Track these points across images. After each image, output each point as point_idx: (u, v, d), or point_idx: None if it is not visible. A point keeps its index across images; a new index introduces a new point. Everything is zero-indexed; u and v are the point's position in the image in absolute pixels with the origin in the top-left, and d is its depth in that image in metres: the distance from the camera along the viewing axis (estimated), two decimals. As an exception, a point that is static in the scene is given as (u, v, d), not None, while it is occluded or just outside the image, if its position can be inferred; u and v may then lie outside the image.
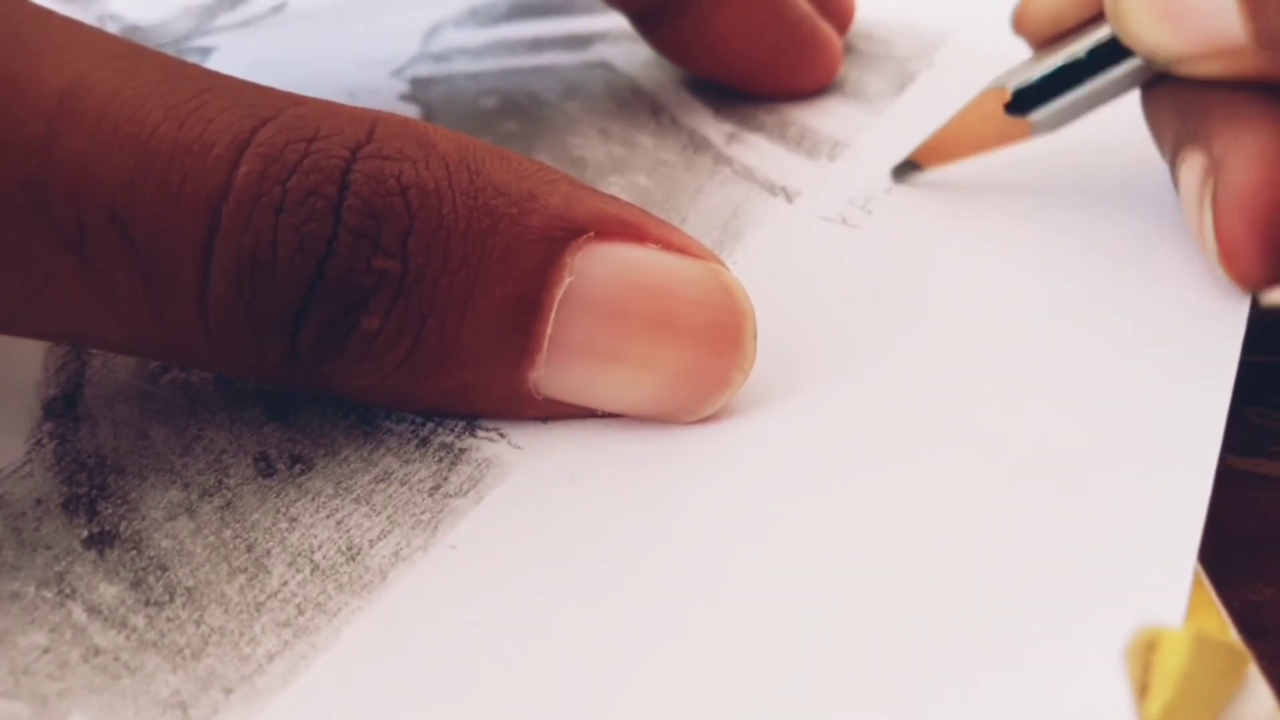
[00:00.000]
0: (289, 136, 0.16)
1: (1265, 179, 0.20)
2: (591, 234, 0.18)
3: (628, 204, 0.18)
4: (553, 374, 0.18)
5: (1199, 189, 0.21)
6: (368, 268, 0.17)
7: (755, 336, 0.19)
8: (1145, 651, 0.14)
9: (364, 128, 0.17)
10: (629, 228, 0.18)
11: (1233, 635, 0.16)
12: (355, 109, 0.17)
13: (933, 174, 0.26)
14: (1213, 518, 0.18)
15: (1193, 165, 0.21)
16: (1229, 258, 0.21)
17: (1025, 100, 0.24)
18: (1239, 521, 0.19)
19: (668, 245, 0.18)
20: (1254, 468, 0.20)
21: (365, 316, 0.17)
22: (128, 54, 0.16)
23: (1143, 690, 0.14)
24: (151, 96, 0.16)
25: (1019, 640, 0.15)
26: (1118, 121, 0.28)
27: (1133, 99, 0.24)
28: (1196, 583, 0.17)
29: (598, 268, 0.18)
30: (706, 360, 0.18)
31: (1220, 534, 0.18)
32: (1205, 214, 0.21)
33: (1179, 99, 0.22)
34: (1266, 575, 0.18)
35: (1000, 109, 0.24)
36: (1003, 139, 0.24)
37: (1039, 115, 0.24)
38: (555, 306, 0.18)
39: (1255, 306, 0.21)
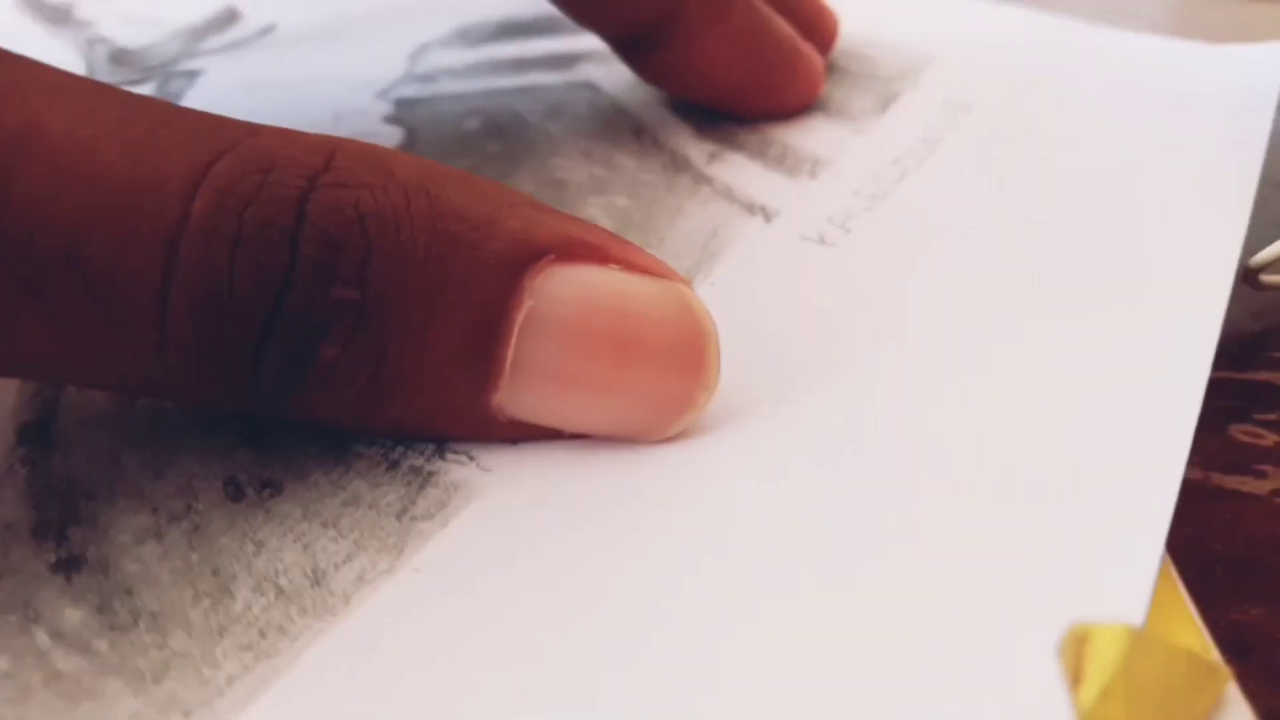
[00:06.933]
0: (245, 168, 0.16)
1: None
2: (552, 256, 0.18)
3: (590, 225, 0.18)
4: (517, 397, 0.18)
5: None
6: (325, 297, 0.17)
7: (719, 355, 0.19)
8: (1077, 644, 0.14)
9: (322, 156, 0.17)
10: (590, 249, 0.18)
11: (1214, 655, 0.16)
12: (315, 136, 0.17)
13: (907, 195, 0.26)
14: (1198, 537, 0.18)
15: None
16: None
17: None
18: (1225, 540, 0.19)
19: (630, 266, 0.18)
20: (1240, 486, 0.20)
21: (325, 346, 0.17)
22: (83, 91, 0.16)
23: (1076, 681, 0.14)
24: (107, 134, 0.16)
25: (978, 646, 0.16)
26: (1096, 149, 0.28)
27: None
28: (1179, 603, 0.17)
29: (559, 290, 0.18)
30: (671, 380, 0.18)
31: (1206, 553, 0.18)
32: None
33: None
34: (1252, 595, 0.18)
35: None
36: None
37: None
38: (516, 331, 0.18)
39: (1250, 309, 0.22)
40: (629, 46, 0.29)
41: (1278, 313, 0.24)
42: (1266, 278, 0.24)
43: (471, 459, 0.19)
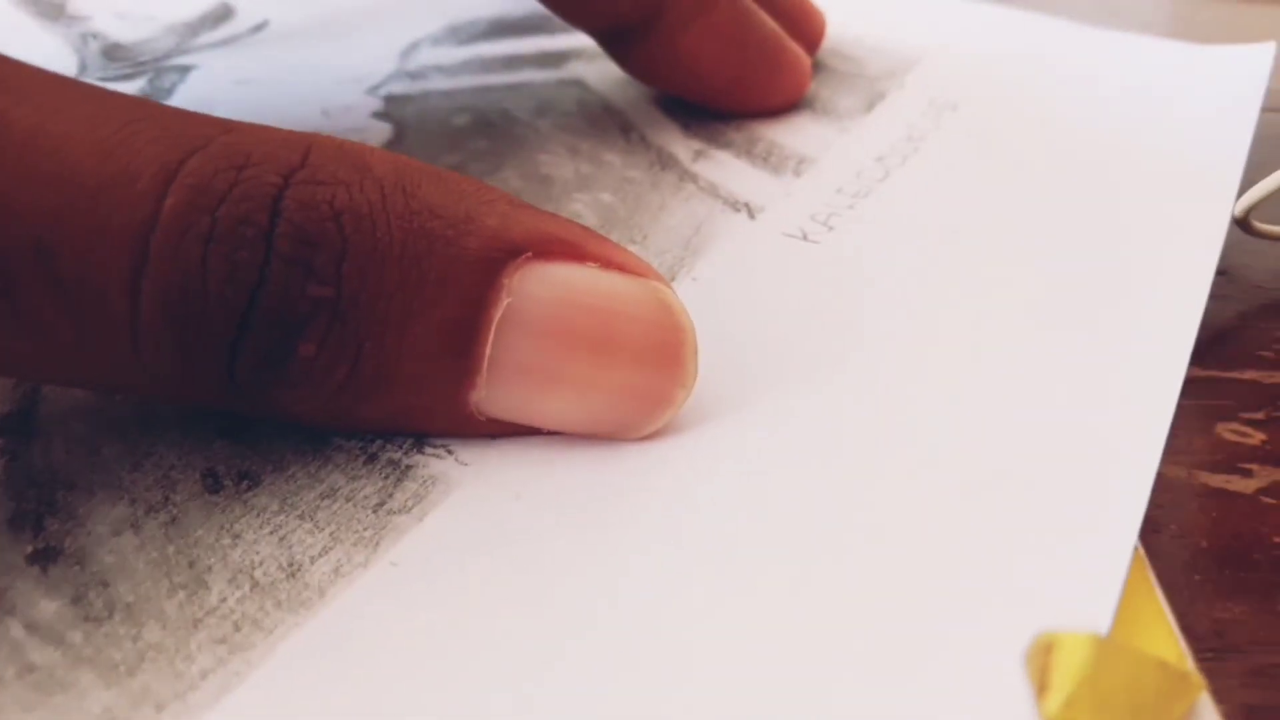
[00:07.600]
0: (219, 165, 0.16)
1: None
2: (529, 254, 0.18)
3: (567, 222, 0.18)
4: (494, 395, 0.18)
5: None
6: (301, 294, 0.17)
7: (696, 353, 0.19)
8: (1043, 653, 0.14)
9: (297, 152, 0.17)
10: (567, 246, 0.18)
11: (1189, 664, 0.16)
12: (290, 133, 0.17)
13: (890, 193, 0.26)
14: (1184, 535, 0.18)
15: None
16: None
17: None
18: (1210, 538, 0.19)
19: (607, 263, 0.18)
20: (1226, 484, 0.20)
21: (302, 343, 0.17)
22: (53, 87, 0.16)
23: (1042, 689, 0.14)
24: (77, 130, 0.16)
25: (945, 652, 0.16)
26: (1079, 148, 0.28)
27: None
28: (1156, 610, 0.17)
29: (536, 288, 0.18)
30: (648, 378, 0.18)
31: (1191, 551, 0.18)
32: None
33: None
34: (1237, 593, 0.18)
35: None
36: None
37: None
38: (494, 328, 0.18)
39: (1237, 309, 0.22)
40: (614, 40, 0.29)
41: (1264, 311, 0.24)
42: (1260, 225, 0.25)
43: (450, 453, 0.19)
